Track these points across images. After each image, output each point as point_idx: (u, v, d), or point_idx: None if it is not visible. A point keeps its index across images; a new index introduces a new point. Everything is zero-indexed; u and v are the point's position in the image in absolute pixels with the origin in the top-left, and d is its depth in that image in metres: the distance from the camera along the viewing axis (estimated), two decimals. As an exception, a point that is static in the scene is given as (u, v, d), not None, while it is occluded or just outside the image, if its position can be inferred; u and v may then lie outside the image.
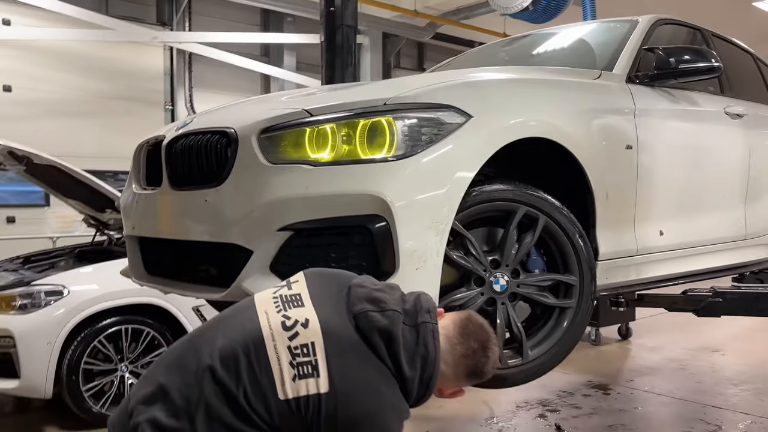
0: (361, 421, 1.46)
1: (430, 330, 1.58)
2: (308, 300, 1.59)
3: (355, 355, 1.50)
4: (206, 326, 1.67)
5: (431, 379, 1.57)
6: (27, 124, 6.95)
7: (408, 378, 1.53)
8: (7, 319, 4.40)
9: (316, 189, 2.00)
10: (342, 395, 1.45)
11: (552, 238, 2.37)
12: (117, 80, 7.67)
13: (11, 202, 7.16)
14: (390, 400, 1.50)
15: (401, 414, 1.54)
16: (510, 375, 2.31)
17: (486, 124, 2.14)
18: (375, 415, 1.47)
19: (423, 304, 1.64)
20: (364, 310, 1.55)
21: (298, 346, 1.48)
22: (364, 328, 1.53)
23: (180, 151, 2.36)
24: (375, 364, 1.51)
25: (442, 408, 5.13)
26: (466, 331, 1.67)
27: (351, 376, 1.47)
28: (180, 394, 1.48)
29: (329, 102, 2.16)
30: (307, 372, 1.46)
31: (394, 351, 1.52)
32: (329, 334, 1.50)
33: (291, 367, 1.46)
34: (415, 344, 1.55)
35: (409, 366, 1.53)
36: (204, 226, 2.24)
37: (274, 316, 1.56)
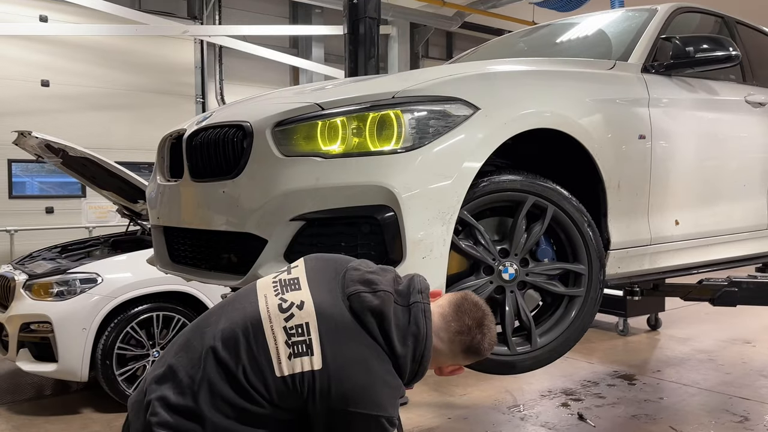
0: (354, 396, 1.52)
1: (421, 309, 1.63)
2: (305, 283, 1.66)
3: (348, 334, 1.56)
4: (212, 311, 1.76)
5: (423, 356, 1.62)
6: (64, 118, 7.18)
7: (400, 355, 1.59)
8: (45, 306, 4.59)
9: (326, 180, 2.07)
10: (335, 372, 1.52)
11: (561, 228, 2.40)
12: (149, 74, 7.85)
13: (50, 193, 7.41)
14: (382, 377, 1.56)
15: (394, 390, 1.59)
16: (518, 361, 2.36)
17: (493, 116, 2.18)
18: (367, 389, 1.53)
19: (416, 285, 1.70)
20: (357, 291, 1.61)
21: (293, 327, 1.56)
22: (357, 308, 1.59)
23: (199, 144, 2.45)
24: (367, 342, 1.57)
25: (465, 396, 5.19)
26: (461, 309, 1.71)
27: (343, 354, 1.54)
28: (186, 373, 1.58)
29: (340, 96, 2.22)
30: (302, 350, 1.53)
31: (386, 329, 1.58)
32: (323, 314, 1.57)
33: (287, 346, 1.54)
34: (407, 323, 1.61)
35: (401, 344, 1.59)
36: (222, 216, 2.33)
37: (272, 299, 1.64)
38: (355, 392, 1.52)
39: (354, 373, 1.53)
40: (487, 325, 1.74)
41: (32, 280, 4.76)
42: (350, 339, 1.56)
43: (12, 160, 6.91)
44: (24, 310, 4.64)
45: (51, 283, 4.67)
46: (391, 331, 1.58)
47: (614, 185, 2.53)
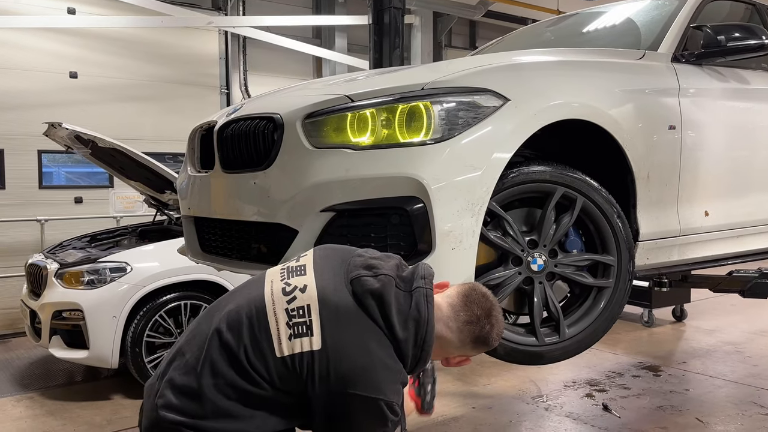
0: (352, 377, 1.52)
1: (423, 294, 1.63)
2: (311, 269, 1.68)
3: (348, 317, 1.57)
4: (223, 297, 1.80)
5: (425, 341, 1.61)
6: (92, 109, 7.27)
7: (401, 339, 1.58)
8: (76, 294, 4.69)
9: (356, 172, 2.09)
10: (333, 353, 1.53)
11: (590, 219, 2.39)
12: (175, 65, 7.91)
13: (79, 183, 7.53)
14: (382, 360, 1.56)
15: (394, 374, 1.58)
16: (546, 352, 2.37)
17: (523, 107, 2.18)
18: (365, 371, 1.53)
19: (419, 272, 1.70)
20: (359, 275, 1.63)
21: (294, 308, 1.58)
22: (358, 291, 1.60)
23: (230, 135, 2.48)
24: (368, 325, 1.57)
25: (489, 386, 5.20)
26: (469, 299, 1.71)
27: (342, 336, 1.55)
28: (192, 354, 1.62)
29: (369, 87, 2.23)
30: (302, 331, 1.55)
31: (386, 313, 1.58)
32: (324, 297, 1.59)
33: (287, 327, 1.56)
34: (408, 307, 1.60)
35: (402, 327, 1.58)
36: (253, 207, 2.36)
37: (277, 283, 1.67)
38: (353, 373, 1.52)
39: (352, 354, 1.53)
40: (496, 315, 1.74)
41: (63, 268, 4.86)
42: (350, 321, 1.57)
43: (42, 150, 7.02)
44: (56, 298, 4.74)
45: (82, 272, 4.77)
46: (392, 315, 1.58)
47: (644, 176, 2.51)
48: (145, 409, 1.67)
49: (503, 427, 4.36)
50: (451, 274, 2.06)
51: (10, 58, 6.88)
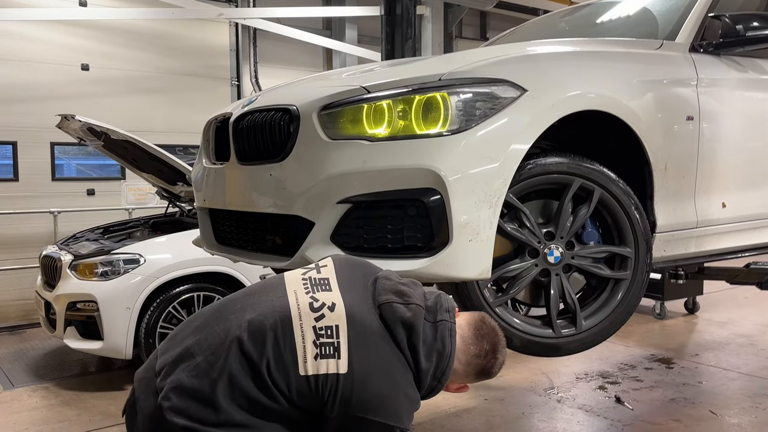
0: (375, 404, 1.53)
1: (448, 328, 1.65)
2: (335, 285, 1.67)
3: (376, 342, 1.57)
4: (236, 297, 1.74)
5: (444, 374, 1.64)
6: (103, 101, 7.29)
7: (423, 370, 1.60)
8: (90, 285, 4.72)
9: (373, 163, 2.08)
10: (359, 377, 1.52)
11: (607, 210, 2.38)
12: (186, 57, 7.92)
13: (91, 175, 7.56)
14: (404, 389, 1.57)
15: (412, 403, 1.60)
16: (563, 344, 2.36)
17: (540, 98, 2.16)
18: (388, 399, 1.54)
19: (443, 303, 1.71)
20: (389, 301, 1.62)
21: (323, 327, 1.55)
22: (389, 318, 1.60)
23: (246, 127, 2.48)
24: (394, 352, 1.58)
25: (500, 377, 5.18)
26: (480, 332, 1.74)
27: (369, 361, 1.54)
28: (204, 358, 1.56)
29: (386, 78, 2.22)
30: (329, 352, 1.53)
31: (414, 343, 1.59)
32: (353, 319, 1.57)
33: (314, 346, 1.54)
34: (433, 339, 1.62)
35: (426, 359, 1.60)
36: (269, 199, 2.36)
37: (302, 296, 1.63)
38: (376, 400, 1.53)
39: (378, 382, 1.53)
40: (501, 350, 1.77)
41: (78, 260, 4.89)
42: (377, 347, 1.57)
43: (54, 143, 7.05)
44: (70, 290, 4.78)
45: (96, 264, 4.80)
46: (419, 346, 1.59)
47: (661, 167, 2.49)
48: (143, 407, 1.60)
49: (515, 419, 4.36)
50: (468, 267, 2.06)
51: (23, 50, 6.90)
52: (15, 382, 5.13)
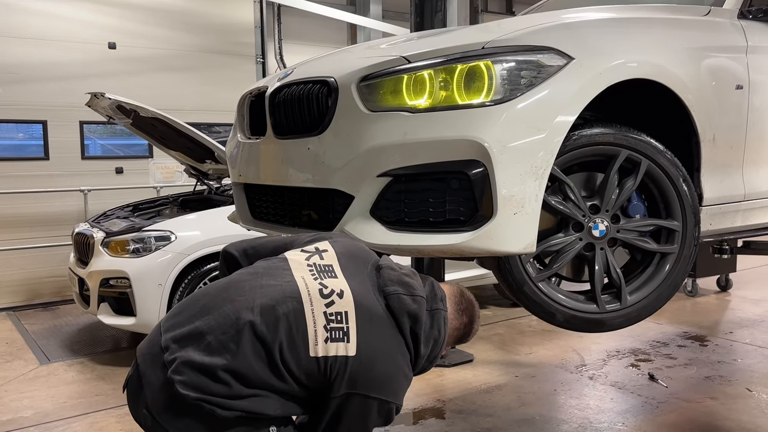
0: (378, 383, 1.67)
1: (442, 317, 1.82)
2: (340, 272, 1.78)
3: (381, 328, 1.71)
4: (241, 278, 1.79)
5: (436, 357, 1.82)
6: (130, 80, 7.29)
7: (421, 355, 1.77)
8: (123, 262, 4.76)
9: (414, 135, 2.04)
10: (366, 359, 1.66)
11: (654, 183, 2.31)
12: (211, 34, 7.88)
13: (119, 154, 7.60)
14: (404, 370, 1.73)
15: (408, 381, 1.77)
16: (608, 319, 2.31)
17: (588, 66, 2.09)
18: (390, 379, 1.70)
19: (437, 293, 1.86)
20: (397, 292, 1.75)
21: (333, 313, 1.67)
22: (396, 308, 1.73)
23: (282, 101, 2.44)
24: (397, 338, 1.73)
25: (531, 355, 5.17)
26: (460, 307, 1.92)
27: (375, 345, 1.68)
28: (215, 337, 1.62)
29: (427, 48, 2.16)
30: (338, 336, 1.65)
31: (416, 332, 1.75)
32: (360, 306, 1.70)
33: (325, 330, 1.65)
34: (431, 327, 1.79)
35: (425, 345, 1.77)
36: (307, 173, 2.33)
37: (311, 282, 1.73)
38: (380, 380, 1.67)
39: (382, 363, 1.68)
40: (476, 320, 1.99)
41: (109, 237, 4.92)
42: (382, 332, 1.70)
43: (83, 121, 7.09)
44: (103, 266, 4.82)
45: (127, 241, 4.83)
46: (421, 334, 1.75)
47: (709, 138, 2.41)
48: (151, 381, 1.65)
49: (547, 395, 4.34)
50: (512, 241, 2.02)
51: (50, 29, 6.92)
52: (51, 357, 5.22)
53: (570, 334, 5.50)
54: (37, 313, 6.66)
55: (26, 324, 6.24)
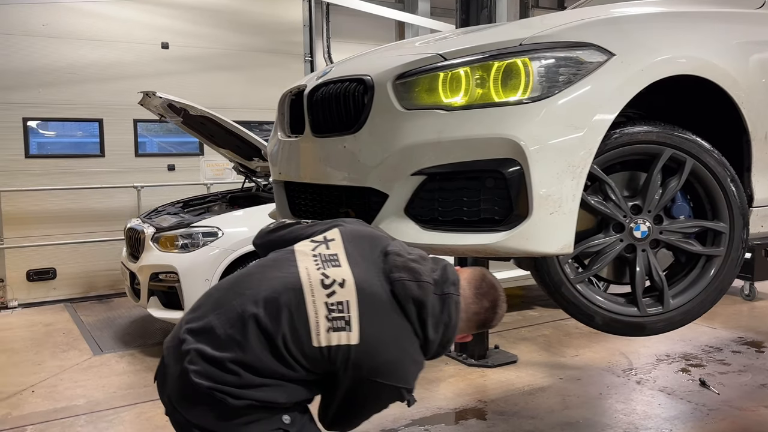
0: (385, 369, 1.67)
1: (454, 301, 1.76)
2: (345, 261, 1.76)
3: (386, 315, 1.69)
4: (250, 272, 1.85)
5: (449, 341, 1.78)
6: (182, 79, 7.47)
7: (431, 340, 1.73)
8: (171, 257, 4.88)
9: (449, 134, 2.02)
10: (370, 347, 1.65)
11: (700, 183, 2.23)
12: (260, 34, 8.00)
13: (171, 151, 7.80)
14: (412, 355, 1.72)
15: (418, 366, 1.75)
16: (649, 323, 2.24)
17: (629, 63, 2.03)
18: (397, 365, 1.69)
19: (449, 276, 1.79)
20: (401, 278, 1.71)
21: (334, 303, 1.66)
22: (400, 294, 1.70)
23: (320, 99, 2.46)
24: (403, 324, 1.70)
25: (576, 357, 5.07)
26: (480, 291, 1.85)
27: (380, 332, 1.67)
28: (224, 331, 1.68)
29: (462, 45, 2.14)
30: (341, 326, 1.65)
31: (423, 317, 1.71)
32: (363, 294, 1.68)
33: (327, 320, 1.65)
34: (440, 312, 1.73)
35: (434, 330, 1.73)
36: (343, 172, 2.34)
37: (314, 273, 1.73)
38: (386, 367, 1.67)
39: (387, 350, 1.67)
40: (501, 305, 1.89)
41: (159, 233, 5.06)
42: (387, 319, 1.68)
43: (137, 120, 7.30)
44: (153, 261, 4.96)
45: (176, 236, 4.95)
46: (428, 319, 1.71)
47: (760, 137, 2.31)
48: (172, 372, 1.72)
49: (593, 399, 4.24)
50: (548, 241, 1.98)
51: (107, 30, 7.15)
52: (104, 348, 5.40)
53: (618, 337, 5.37)
54: (93, 305, 6.90)
55: (82, 315, 6.48)
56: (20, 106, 6.81)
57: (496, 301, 1.87)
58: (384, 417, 3.96)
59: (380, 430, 3.79)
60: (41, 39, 6.85)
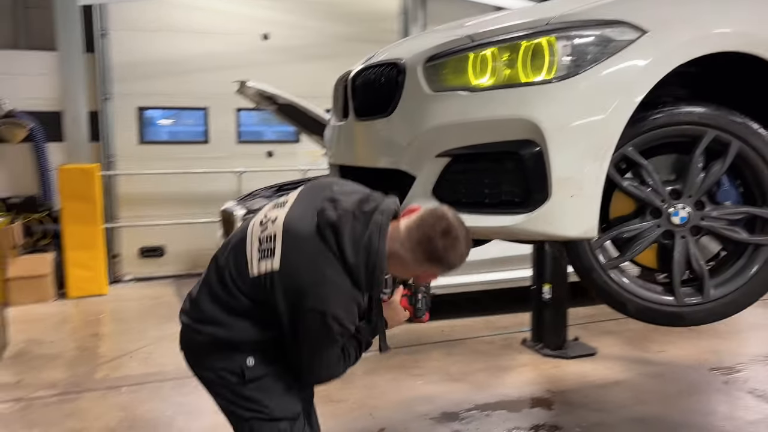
0: (303, 292, 1.77)
1: (376, 225, 1.80)
2: (289, 204, 1.92)
3: (306, 243, 1.80)
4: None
5: (375, 266, 1.79)
6: (281, 69, 7.79)
7: (352, 264, 1.77)
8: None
9: (470, 115, 2.02)
10: (290, 270, 1.79)
11: (748, 167, 2.09)
12: (356, 23, 8.17)
13: (271, 138, 8.18)
14: (331, 278, 1.77)
15: (342, 291, 1.79)
16: (687, 313, 2.14)
17: (663, 40, 1.93)
18: (315, 287, 1.77)
19: (381, 206, 1.85)
20: (323, 209, 1.83)
21: (265, 237, 1.87)
22: (320, 222, 1.81)
23: (361, 83, 2.53)
24: (322, 250, 1.78)
25: (662, 353, 4.84)
26: (423, 221, 1.82)
27: (297, 258, 1.80)
28: (203, 275, 2.03)
29: (492, 26, 2.13)
30: (267, 255, 1.84)
31: (340, 241, 1.78)
32: (288, 227, 1.84)
33: (258, 252, 1.86)
34: (360, 236, 1.79)
35: (354, 254, 1.77)
36: (379, 154, 2.40)
37: (259, 217, 1.96)
38: (304, 289, 1.77)
39: (304, 273, 1.78)
40: (452, 236, 1.80)
41: (249, 214, 5.35)
42: (306, 246, 1.79)
43: (239, 108, 7.71)
44: (241, 241, 5.23)
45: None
46: (344, 243, 1.77)
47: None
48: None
49: (669, 396, 4.05)
50: (569, 224, 1.94)
51: (211, 24, 7.59)
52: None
53: (714, 335, 5.07)
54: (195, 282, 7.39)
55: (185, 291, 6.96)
56: (135, 96, 7.40)
57: (446, 230, 1.79)
58: (447, 400, 4.01)
59: (441, 412, 3.84)
60: (153, 34, 7.39)
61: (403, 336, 5.37)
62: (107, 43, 7.25)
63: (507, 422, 3.71)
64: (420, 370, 4.56)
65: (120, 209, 7.42)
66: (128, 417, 3.80)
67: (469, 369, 4.53)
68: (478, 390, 4.17)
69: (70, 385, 4.33)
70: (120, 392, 4.19)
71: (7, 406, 3.99)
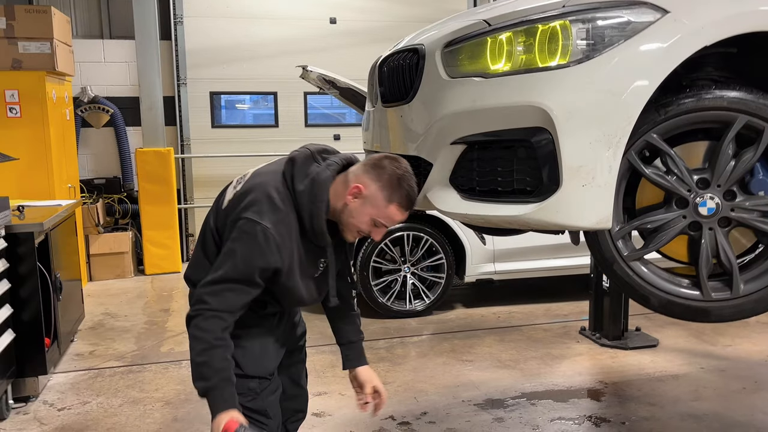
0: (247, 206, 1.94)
1: (328, 164, 2.01)
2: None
3: (267, 174, 2.02)
4: None
5: (316, 196, 1.95)
6: (349, 52, 7.84)
7: (298, 190, 1.96)
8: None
9: (482, 102, 1.98)
10: (246, 191, 1.98)
11: (784, 155, 1.95)
12: (425, 4, 8.10)
13: (337, 122, 8.28)
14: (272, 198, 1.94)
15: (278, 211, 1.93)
16: (714, 309, 2.03)
17: (685, 21, 1.81)
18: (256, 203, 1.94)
19: (341, 155, 2.08)
20: (292, 152, 2.06)
21: (240, 178, 2.09)
22: (285, 159, 2.04)
23: (387, 69, 2.52)
24: (276, 177, 1.99)
25: (730, 347, 4.60)
26: (374, 163, 1.97)
27: (255, 183, 1.99)
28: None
29: (508, 10, 2.07)
30: (236, 188, 2.04)
31: (292, 171, 1.99)
32: (261, 168, 2.08)
33: (233, 188, 2.07)
34: (308, 166, 2.00)
35: (300, 182, 1.96)
36: (401, 140, 2.40)
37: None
38: (249, 204, 1.94)
39: (253, 193, 1.96)
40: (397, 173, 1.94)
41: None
42: (266, 176, 2.01)
43: (307, 92, 7.84)
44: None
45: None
46: (295, 172, 1.98)
47: None
48: None
49: (731, 392, 3.85)
50: (581, 214, 1.88)
51: (279, 8, 7.72)
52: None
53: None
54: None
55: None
56: (208, 81, 7.66)
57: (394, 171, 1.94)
58: (493, 387, 3.98)
59: (486, 399, 3.82)
60: (224, 20, 7.61)
61: (459, 321, 5.35)
62: (182, 30, 7.53)
63: (552, 412, 3.64)
64: (471, 356, 4.54)
65: (194, 190, 7.74)
66: (185, 390, 4.00)
67: (521, 356, 4.47)
68: (528, 378, 4.11)
69: (136, 357, 4.61)
70: (181, 366, 4.41)
71: (79, 374, 4.30)
